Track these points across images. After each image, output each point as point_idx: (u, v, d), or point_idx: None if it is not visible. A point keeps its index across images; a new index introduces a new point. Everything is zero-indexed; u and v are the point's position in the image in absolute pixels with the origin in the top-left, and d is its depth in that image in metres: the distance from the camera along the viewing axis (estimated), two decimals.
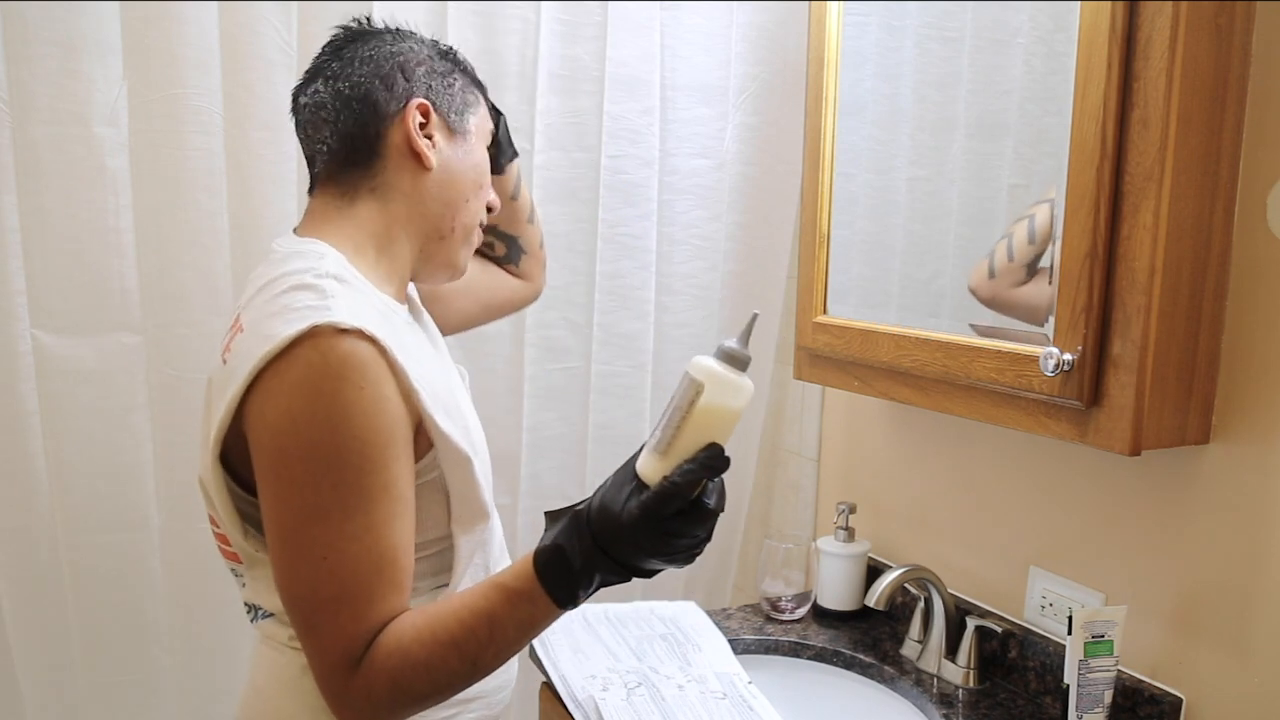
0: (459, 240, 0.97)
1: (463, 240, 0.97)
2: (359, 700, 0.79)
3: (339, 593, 0.79)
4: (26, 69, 1.15)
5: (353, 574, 0.79)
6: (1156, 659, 1.11)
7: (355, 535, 0.79)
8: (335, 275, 0.84)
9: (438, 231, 0.95)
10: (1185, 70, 0.92)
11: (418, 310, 1.05)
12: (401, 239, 0.94)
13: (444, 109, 0.94)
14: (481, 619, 0.80)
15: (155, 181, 1.24)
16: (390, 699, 0.79)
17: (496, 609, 0.80)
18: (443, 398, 0.88)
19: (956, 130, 1.19)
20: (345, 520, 0.79)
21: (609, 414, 1.57)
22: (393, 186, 0.92)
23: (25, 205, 1.18)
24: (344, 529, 0.79)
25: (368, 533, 0.79)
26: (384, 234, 0.92)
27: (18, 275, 1.19)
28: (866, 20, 1.31)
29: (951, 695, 1.25)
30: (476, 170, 0.97)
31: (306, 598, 0.80)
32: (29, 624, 1.28)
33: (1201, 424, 1.03)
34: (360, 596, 0.79)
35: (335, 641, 0.79)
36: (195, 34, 1.22)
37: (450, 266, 0.98)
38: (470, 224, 0.97)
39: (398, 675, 0.79)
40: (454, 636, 0.80)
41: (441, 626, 0.80)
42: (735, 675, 1.21)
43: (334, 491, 0.79)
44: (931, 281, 1.24)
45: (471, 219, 0.97)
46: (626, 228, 1.53)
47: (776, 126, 1.61)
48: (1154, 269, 0.95)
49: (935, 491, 1.42)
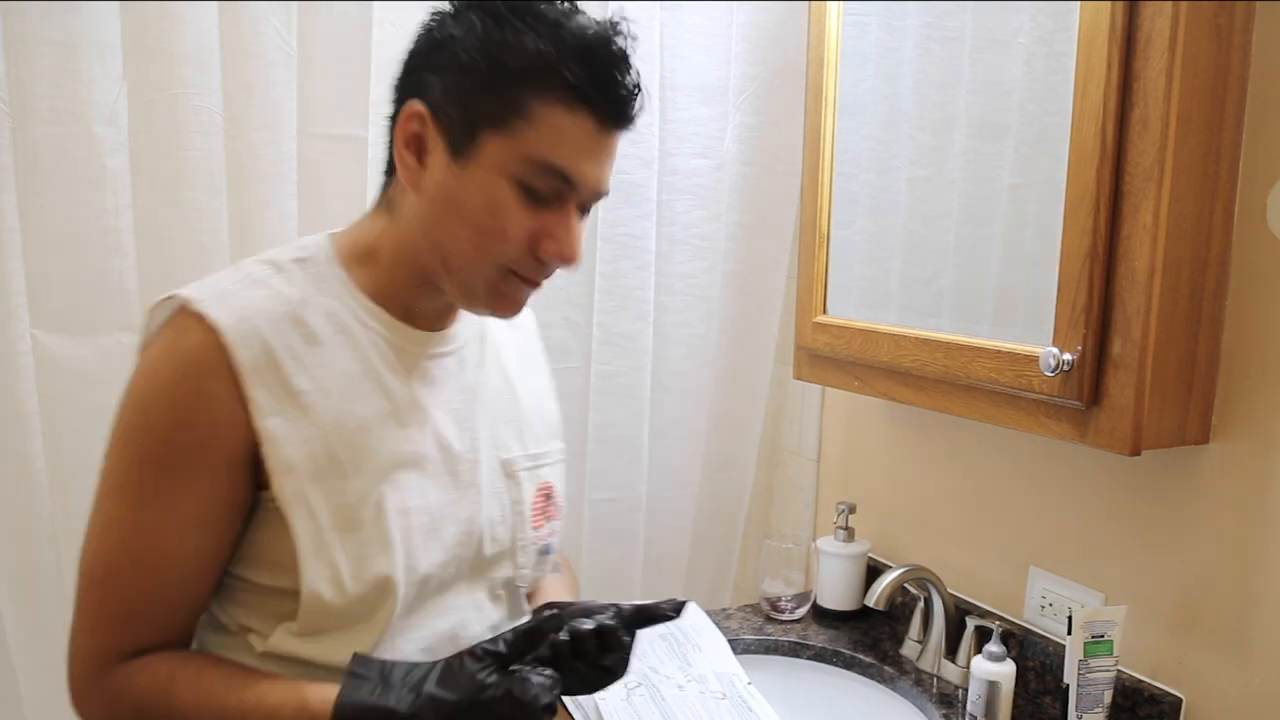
0: (464, 283, 0.79)
1: (473, 284, 0.79)
2: (97, 708, 0.75)
3: (106, 578, 0.75)
4: (26, 69, 1.15)
5: (129, 567, 0.74)
6: (1156, 659, 1.11)
7: (143, 528, 0.74)
8: (273, 262, 0.79)
9: (435, 267, 0.80)
10: (1185, 70, 0.92)
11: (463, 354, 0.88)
12: (396, 261, 0.81)
13: (447, 121, 0.75)
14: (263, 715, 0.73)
15: (155, 181, 1.24)
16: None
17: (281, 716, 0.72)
18: (330, 443, 0.76)
19: (956, 130, 1.19)
20: (139, 507, 0.74)
21: (609, 414, 1.57)
22: (398, 203, 0.81)
23: (25, 205, 1.18)
24: (136, 516, 0.74)
25: (153, 533, 0.74)
26: (371, 246, 0.82)
27: (18, 275, 1.19)
28: (866, 20, 1.31)
29: (951, 695, 1.25)
30: (484, 206, 0.76)
31: (84, 572, 0.76)
32: (29, 624, 1.27)
33: (1201, 424, 1.03)
34: (128, 595, 0.75)
35: (92, 635, 0.75)
36: (195, 34, 1.22)
37: (470, 307, 0.83)
38: (476, 269, 0.78)
39: (148, 712, 0.74)
40: (225, 713, 0.73)
41: (220, 698, 0.73)
42: (735, 675, 1.21)
43: (132, 473, 0.74)
44: (931, 281, 1.24)
45: (478, 263, 0.78)
46: (626, 228, 1.53)
47: (776, 126, 1.61)
48: (1154, 269, 0.95)
49: (935, 491, 1.42)
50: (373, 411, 0.79)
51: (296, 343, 0.76)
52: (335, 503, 0.76)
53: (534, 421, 0.95)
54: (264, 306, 0.76)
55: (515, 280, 0.79)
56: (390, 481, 0.78)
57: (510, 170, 0.75)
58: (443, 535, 0.82)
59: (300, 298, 0.78)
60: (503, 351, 0.95)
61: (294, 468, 0.74)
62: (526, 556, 0.90)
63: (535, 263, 0.78)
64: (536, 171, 0.75)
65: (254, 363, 0.73)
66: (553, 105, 0.73)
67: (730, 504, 1.74)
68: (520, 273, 0.79)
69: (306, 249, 0.82)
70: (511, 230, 0.76)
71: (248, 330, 0.74)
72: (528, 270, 0.79)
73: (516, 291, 0.80)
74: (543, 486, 0.93)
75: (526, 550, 0.90)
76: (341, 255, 0.83)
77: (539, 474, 0.93)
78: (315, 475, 0.75)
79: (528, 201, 0.76)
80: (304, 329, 0.77)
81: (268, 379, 0.74)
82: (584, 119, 0.75)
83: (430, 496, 0.81)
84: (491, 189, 0.75)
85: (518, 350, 0.99)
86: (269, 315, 0.76)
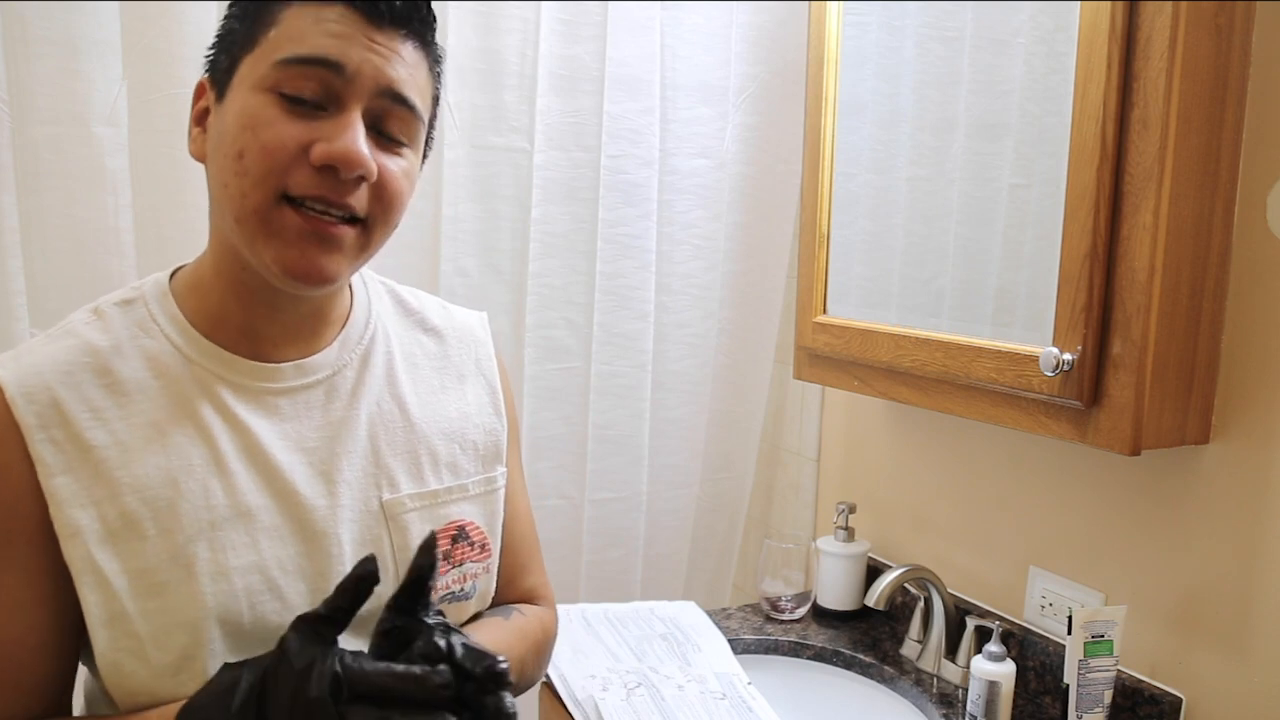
0: (248, 235, 0.69)
1: (254, 232, 0.69)
2: None
3: None
4: (26, 69, 1.15)
5: None
6: (1156, 659, 1.11)
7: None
8: (96, 309, 0.75)
9: (235, 240, 0.71)
10: (1185, 70, 0.92)
11: (334, 383, 0.78)
12: (218, 272, 0.75)
13: (217, 75, 0.72)
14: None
15: (155, 181, 1.24)
16: None
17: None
18: (125, 503, 0.69)
19: (956, 130, 1.19)
20: None
21: (609, 414, 1.57)
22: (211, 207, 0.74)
23: (25, 205, 1.18)
24: None
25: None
26: (198, 270, 0.77)
27: (18, 275, 1.19)
28: (866, 20, 1.31)
29: (951, 695, 1.25)
30: (240, 124, 0.68)
31: None
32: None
33: (1201, 424, 1.03)
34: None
35: None
36: (195, 34, 1.22)
37: (263, 267, 0.70)
38: (253, 206, 0.68)
39: None
40: None
41: None
42: (735, 675, 1.21)
43: None
44: (931, 281, 1.24)
45: (251, 197, 0.68)
46: (626, 227, 1.53)
47: (776, 126, 1.61)
48: (1154, 269, 0.95)
49: (935, 491, 1.42)
50: (185, 463, 0.71)
51: (95, 395, 0.70)
52: (133, 567, 0.68)
53: (442, 451, 0.83)
54: (62, 359, 0.70)
55: (289, 212, 0.68)
56: (207, 539, 0.70)
57: (266, 81, 0.68)
58: (284, 594, 0.73)
59: (111, 345, 0.72)
60: (399, 370, 0.83)
61: (79, 530, 0.67)
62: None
63: (312, 176, 0.67)
64: (294, 72, 0.67)
65: (40, 419, 0.68)
66: (306, 4, 0.68)
67: (730, 504, 1.74)
68: (296, 195, 0.67)
69: (138, 288, 0.77)
70: (272, 141, 0.67)
71: (35, 385, 0.68)
72: (306, 188, 0.67)
73: (295, 231, 0.68)
74: (447, 528, 0.82)
75: None
76: (177, 289, 0.77)
77: (441, 513, 0.82)
78: (106, 538, 0.68)
79: (293, 110, 0.68)
80: (108, 379, 0.71)
81: (56, 435, 0.68)
82: (342, 8, 0.68)
83: (264, 552, 0.72)
84: (246, 104, 0.68)
85: (436, 362, 0.87)
86: (64, 368, 0.70)
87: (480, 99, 1.41)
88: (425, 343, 0.87)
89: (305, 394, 0.77)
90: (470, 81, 1.39)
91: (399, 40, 0.71)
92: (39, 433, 0.67)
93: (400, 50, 0.71)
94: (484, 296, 1.45)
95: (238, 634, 0.71)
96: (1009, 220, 1.12)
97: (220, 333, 0.75)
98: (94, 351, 0.72)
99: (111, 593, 0.68)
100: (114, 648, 0.68)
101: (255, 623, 0.72)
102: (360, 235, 0.72)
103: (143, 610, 0.68)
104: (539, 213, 1.47)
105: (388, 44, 0.70)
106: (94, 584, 0.68)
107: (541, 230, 1.48)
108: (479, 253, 1.45)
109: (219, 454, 0.72)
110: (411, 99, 0.72)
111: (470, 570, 0.83)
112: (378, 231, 0.73)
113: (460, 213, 1.42)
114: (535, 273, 1.48)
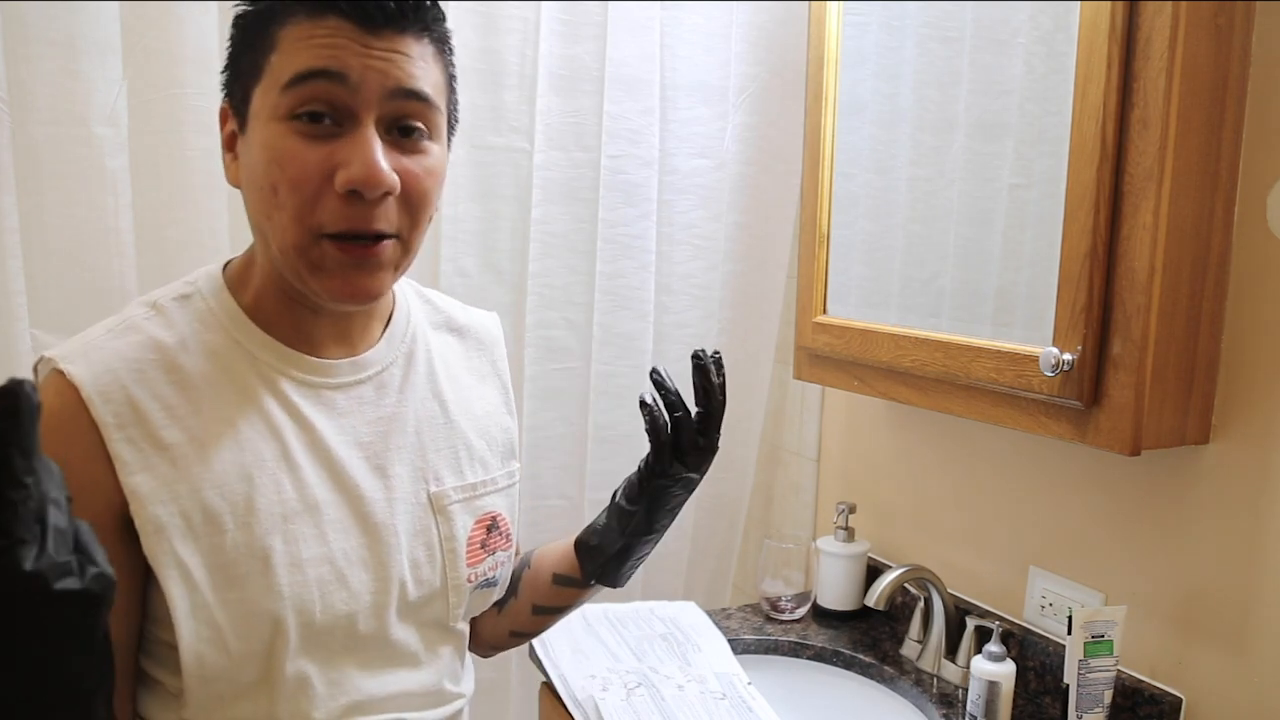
0: (292, 266, 0.72)
1: (297, 264, 0.71)
2: None
3: None
4: (26, 69, 1.15)
5: None
6: (1156, 659, 1.11)
7: None
8: (154, 303, 0.75)
9: (279, 266, 0.74)
10: (1185, 70, 0.92)
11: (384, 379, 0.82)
12: (265, 276, 0.77)
13: (235, 104, 0.73)
14: None
15: (155, 181, 1.24)
16: None
17: None
18: (205, 497, 0.70)
19: (956, 130, 1.19)
20: None
21: (609, 414, 1.57)
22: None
23: (25, 205, 1.18)
24: None
25: None
26: (247, 265, 0.79)
27: (18, 275, 1.19)
28: (866, 20, 1.31)
29: (951, 695, 1.25)
30: (267, 159, 0.69)
31: None
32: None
33: (1201, 424, 1.03)
34: None
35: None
36: (195, 34, 1.22)
37: (314, 295, 0.74)
38: (291, 239, 0.70)
39: None
40: None
41: None
42: (735, 675, 1.21)
43: None
44: (931, 281, 1.24)
45: (289, 231, 0.70)
46: (626, 228, 1.53)
47: (776, 126, 1.61)
48: (1154, 269, 0.95)
49: (935, 491, 1.42)
50: (258, 458, 0.73)
51: (167, 392, 0.71)
52: (214, 561, 0.70)
53: (477, 446, 0.88)
54: (132, 355, 0.71)
55: (328, 245, 0.70)
56: (281, 533, 0.73)
57: (279, 110, 0.68)
58: (350, 584, 0.76)
59: (176, 341, 0.73)
60: (438, 368, 0.87)
61: (162, 526, 0.69)
62: (459, 595, 0.84)
63: (340, 207, 0.69)
64: (300, 92, 0.68)
65: (117, 418, 0.69)
66: (299, 24, 0.68)
67: (730, 504, 1.74)
68: (332, 232, 0.69)
69: (193, 283, 0.78)
70: (299, 175, 0.68)
71: (109, 383, 0.69)
72: (337, 224, 0.69)
73: (335, 262, 0.71)
74: (483, 518, 0.87)
75: (459, 589, 0.84)
76: (231, 284, 0.78)
77: (478, 504, 0.86)
78: (188, 533, 0.70)
79: (310, 133, 0.68)
80: (177, 375, 0.72)
81: (133, 434, 0.69)
82: (335, 21, 0.68)
83: (332, 544, 0.75)
84: (268, 138, 0.69)
85: (463, 362, 0.91)
86: (136, 365, 0.71)
87: (480, 99, 1.41)
88: (452, 342, 0.91)
89: (358, 389, 0.80)
90: (470, 81, 1.39)
91: (398, 39, 0.71)
92: (117, 431, 0.69)
93: (401, 48, 0.71)
94: (484, 297, 1.45)
95: (310, 622, 0.74)
96: (1009, 220, 1.12)
97: (277, 329, 0.77)
98: (160, 348, 0.73)
99: (194, 585, 0.70)
100: (198, 638, 0.70)
101: (325, 611, 0.74)
102: (397, 246, 0.74)
103: (223, 601, 0.70)
104: (539, 213, 1.47)
105: (387, 46, 0.70)
106: (179, 578, 0.69)
107: (541, 230, 1.48)
108: (479, 253, 1.45)
109: (287, 448, 0.75)
110: (424, 91, 0.72)
111: (500, 559, 0.88)
112: (413, 238, 0.75)
113: (460, 213, 1.42)
114: (535, 273, 1.48)
